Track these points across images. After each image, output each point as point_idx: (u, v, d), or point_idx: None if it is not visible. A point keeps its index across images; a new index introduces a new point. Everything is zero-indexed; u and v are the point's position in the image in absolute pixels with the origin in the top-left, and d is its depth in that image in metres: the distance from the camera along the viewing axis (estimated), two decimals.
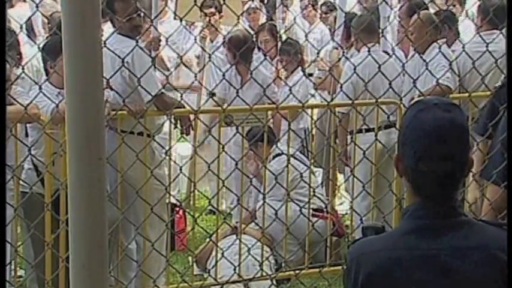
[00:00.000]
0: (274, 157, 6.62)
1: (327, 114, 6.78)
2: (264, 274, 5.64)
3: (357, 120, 6.07)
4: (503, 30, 5.66)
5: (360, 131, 6.26)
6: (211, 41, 8.04)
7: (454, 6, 8.89)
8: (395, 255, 2.29)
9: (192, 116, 5.71)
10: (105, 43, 3.83)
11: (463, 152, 2.31)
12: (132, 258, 5.55)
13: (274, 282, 5.65)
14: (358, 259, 2.33)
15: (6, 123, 4.62)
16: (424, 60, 5.10)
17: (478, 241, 2.30)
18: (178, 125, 5.91)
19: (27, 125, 5.41)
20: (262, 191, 5.90)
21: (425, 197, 2.31)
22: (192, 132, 6.10)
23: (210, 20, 7.60)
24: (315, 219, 5.98)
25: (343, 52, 6.78)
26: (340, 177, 7.74)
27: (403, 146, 2.34)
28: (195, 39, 7.56)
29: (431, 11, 7.21)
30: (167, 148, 5.43)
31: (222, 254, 5.10)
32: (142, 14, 5.89)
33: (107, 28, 6.06)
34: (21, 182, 5.06)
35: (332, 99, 6.32)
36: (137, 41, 4.58)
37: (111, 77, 3.83)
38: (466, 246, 2.29)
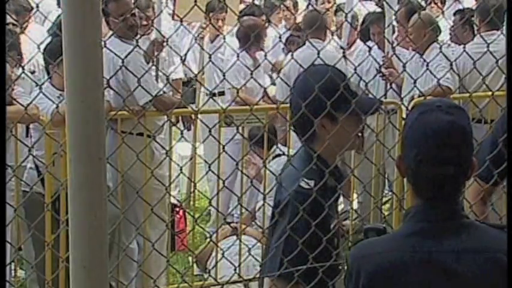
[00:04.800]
0: (274, 158, 6.61)
1: None
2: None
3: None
4: (503, 31, 5.67)
5: None
6: (211, 41, 8.03)
7: (436, 4, 8.87)
8: (397, 257, 2.28)
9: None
10: (105, 43, 3.83)
11: (465, 155, 2.29)
12: (132, 258, 5.55)
13: None
14: (359, 261, 2.32)
15: (6, 124, 4.63)
16: (425, 60, 5.10)
17: (480, 244, 2.29)
18: (180, 124, 5.92)
19: (31, 125, 5.42)
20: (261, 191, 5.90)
21: (427, 199, 2.29)
22: (192, 131, 6.11)
23: (210, 20, 7.60)
24: None
25: (343, 51, 6.81)
26: None
27: (405, 148, 2.33)
28: (195, 39, 7.56)
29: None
30: (167, 148, 5.43)
31: (223, 254, 5.10)
32: (137, 14, 5.89)
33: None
34: (23, 180, 5.08)
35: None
36: (137, 43, 4.58)
37: (110, 78, 3.84)
38: (468, 249, 2.27)
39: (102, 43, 1.99)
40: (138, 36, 5.71)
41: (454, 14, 7.75)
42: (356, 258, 2.34)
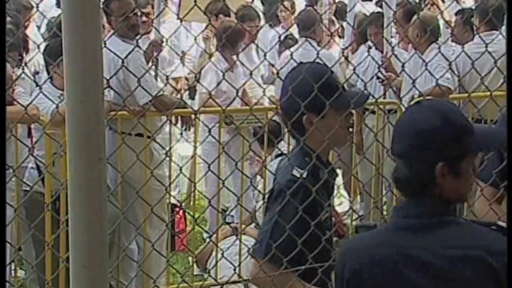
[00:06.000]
0: (276, 157, 6.61)
1: None
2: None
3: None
4: (503, 31, 5.67)
5: None
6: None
7: (432, 5, 8.89)
8: (379, 252, 2.31)
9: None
10: (105, 43, 3.83)
11: (449, 153, 2.28)
12: (132, 258, 5.56)
13: None
14: (344, 255, 2.37)
15: (7, 124, 4.63)
16: (424, 60, 5.10)
17: (463, 240, 2.28)
18: (179, 124, 5.92)
19: (32, 126, 5.42)
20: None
21: (410, 196, 2.32)
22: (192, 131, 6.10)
23: (210, 21, 7.59)
24: None
25: (343, 52, 6.81)
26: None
27: (392, 144, 2.37)
28: (195, 39, 7.54)
29: None
30: (167, 148, 5.43)
31: (222, 254, 5.10)
32: (139, 14, 5.89)
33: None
34: (24, 181, 5.08)
35: None
36: (137, 43, 4.58)
37: (110, 78, 3.84)
38: (449, 245, 2.27)
39: (102, 43, 1.99)
40: (139, 35, 5.71)
41: (456, 14, 7.76)
42: (341, 253, 2.40)
